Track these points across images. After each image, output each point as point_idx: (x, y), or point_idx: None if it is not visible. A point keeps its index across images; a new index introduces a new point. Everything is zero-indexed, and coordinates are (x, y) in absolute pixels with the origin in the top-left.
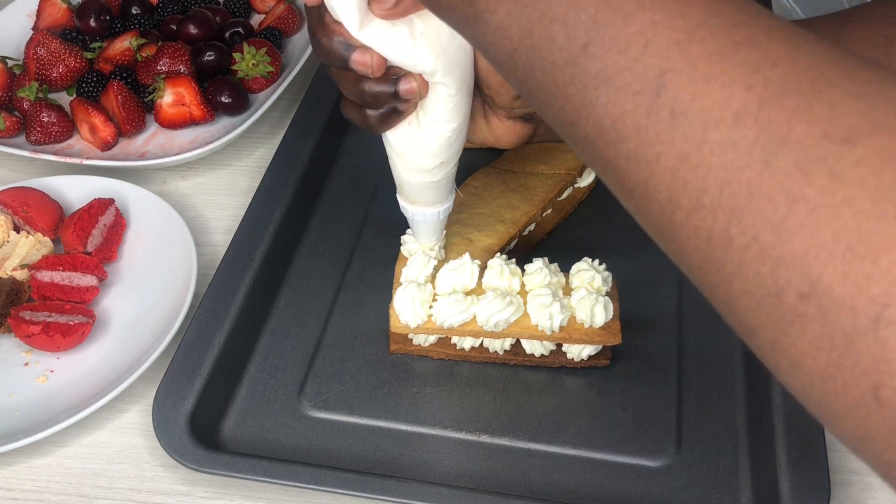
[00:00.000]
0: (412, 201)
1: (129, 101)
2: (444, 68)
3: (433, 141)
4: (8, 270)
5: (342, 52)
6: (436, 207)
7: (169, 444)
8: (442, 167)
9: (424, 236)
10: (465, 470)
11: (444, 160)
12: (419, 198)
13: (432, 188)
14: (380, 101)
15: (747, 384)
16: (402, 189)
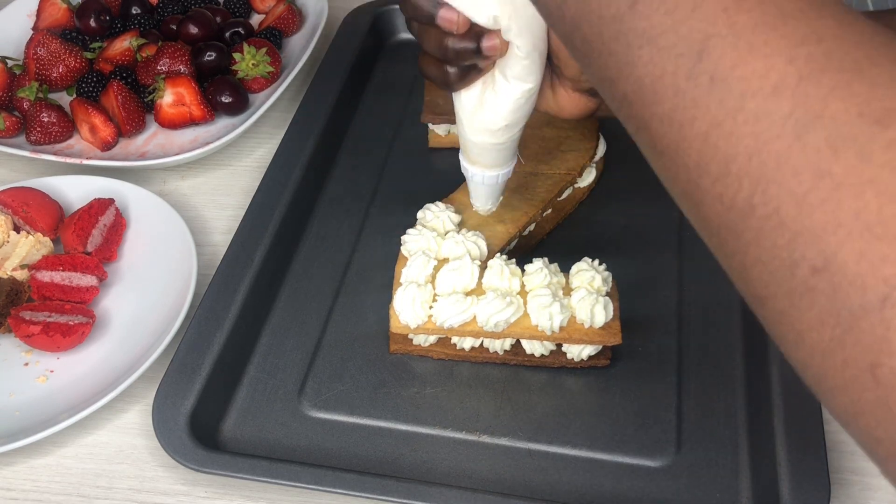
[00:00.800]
0: (474, 162)
1: (129, 101)
2: (517, 29)
3: (503, 102)
4: (8, 270)
5: (430, 9)
6: (496, 170)
7: (169, 444)
8: (507, 129)
9: (481, 199)
10: (465, 470)
11: (510, 123)
12: (481, 159)
13: (495, 150)
14: (461, 57)
15: (747, 384)
16: (465, 149)
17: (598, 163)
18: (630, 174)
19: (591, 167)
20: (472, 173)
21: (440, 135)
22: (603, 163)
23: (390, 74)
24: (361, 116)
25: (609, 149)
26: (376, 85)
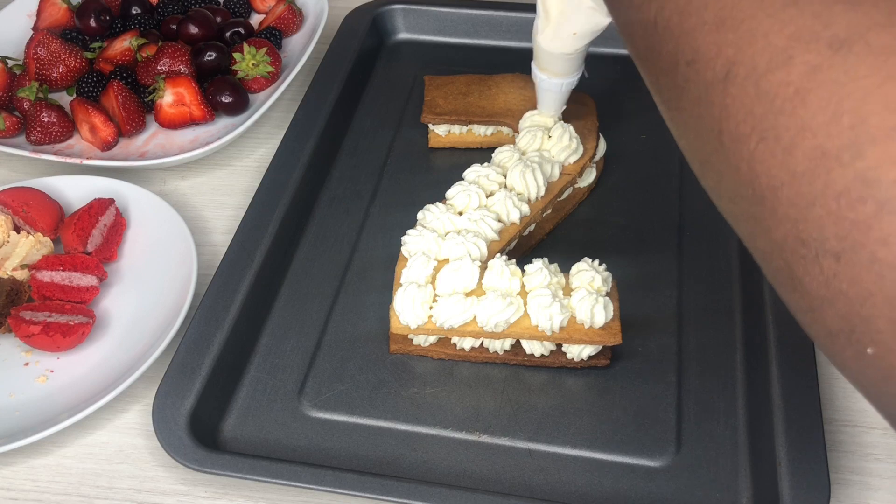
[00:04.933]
0: (542, 69)
1: (129, 101)
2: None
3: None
4: (8, 270)
5: None
6: (560, 79)
7: (169, 444)
8: (576, 40)
9: (546, 104)
10: (465, 470)
11: (577, 32)
12: (550, 66)
13: (563, 59)
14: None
15: (747, 384)
16: (537, 57)
17: (598, 163)
18: (630, 174)
19: (591, 167)
20: (540, 79)
21: (440, 135)
22: (603, 163)
23: (390, 74)
24: (361, 116)
25: (609, 149)
26: (376, 85)
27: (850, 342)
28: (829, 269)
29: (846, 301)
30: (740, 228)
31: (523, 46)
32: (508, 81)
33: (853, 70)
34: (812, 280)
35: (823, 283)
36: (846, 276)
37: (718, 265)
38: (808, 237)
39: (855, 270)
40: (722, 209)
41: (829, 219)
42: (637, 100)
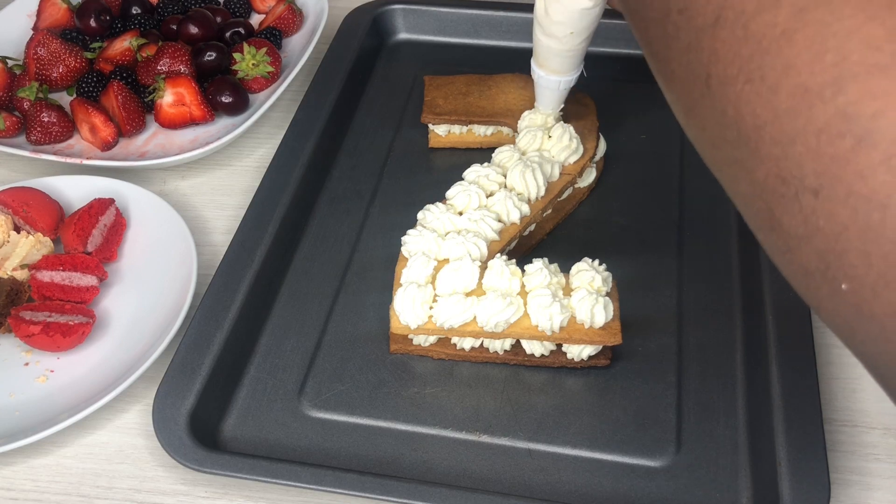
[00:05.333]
0: (541, 65)
1: (129, 101)
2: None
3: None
4: (8, 270)
5: None
6: (559, 76)
7: (169, 444)
8: (572, 38)
9: (544, 102)
10: (465, 470)
11: (574, 31)
12: (548, 63)
13: (560, 56)
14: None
15: (747, 384)
16: (536, 53)
17: (598, 163)
18: (630, 174)
19: (591, 167)
20: (539, 76)
21: (440, 135)
22: (603, 163)
23: (390, 74)
24: (361, 116)
25: (609, 149)
26: (376, 85)
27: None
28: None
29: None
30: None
31: (523, 46)
32: (508, 81)
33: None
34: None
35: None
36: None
37: (718, 265)
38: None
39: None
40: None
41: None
42: (637, 100)
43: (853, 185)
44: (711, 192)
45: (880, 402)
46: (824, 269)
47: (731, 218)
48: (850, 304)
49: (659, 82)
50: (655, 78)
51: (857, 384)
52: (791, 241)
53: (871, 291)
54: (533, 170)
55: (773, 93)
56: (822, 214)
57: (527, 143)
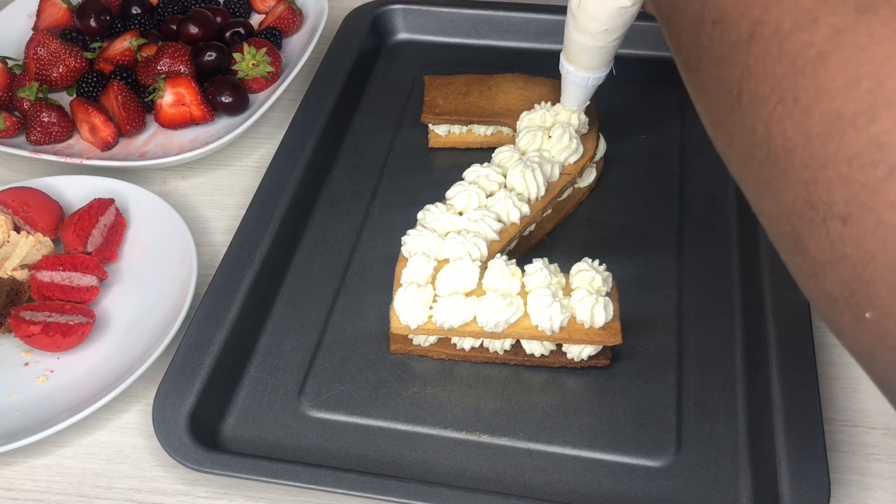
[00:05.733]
0: (571, 60)
1: (129, 101)
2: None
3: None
4: (8, 270)
5: None
6: (588, 73)
7: (169, 444)
8: (606, 35)
9: (570, 99)
10: (465, 470)
11: (608, 28)
12: (578, 59)
13: (592, 52)
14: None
15: (747, 384)
16: (566, 48)
17: (598, 163)
18: (630, 174)
19: (591, 167)
20: (567, 71)
21: (440, 135)
22: (603, 163)
23: (390, 74)
24: (361, 116)
25: (609, 149)
26: (376, 85)
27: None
28: (835, 232)
29: (849, 264)
30: (749, 191)
31: (523, 46)
32: (508, 81)
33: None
34: (817, 243)
35: (828, 247)
36: (851, 240)
37: (718, 265)
38: (818, 199)
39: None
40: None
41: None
42: (637, 100)
43: (883, 215)
44: (711, 192)
45: (880, 402)
46: (848, 297)
47: (731, 218)
48: (874, 333)
49: (689, 90)
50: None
51: (857, 384)
52: (816, 266)
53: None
54: (533, 170)
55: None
56: (850, 242)
57: (527, 143)
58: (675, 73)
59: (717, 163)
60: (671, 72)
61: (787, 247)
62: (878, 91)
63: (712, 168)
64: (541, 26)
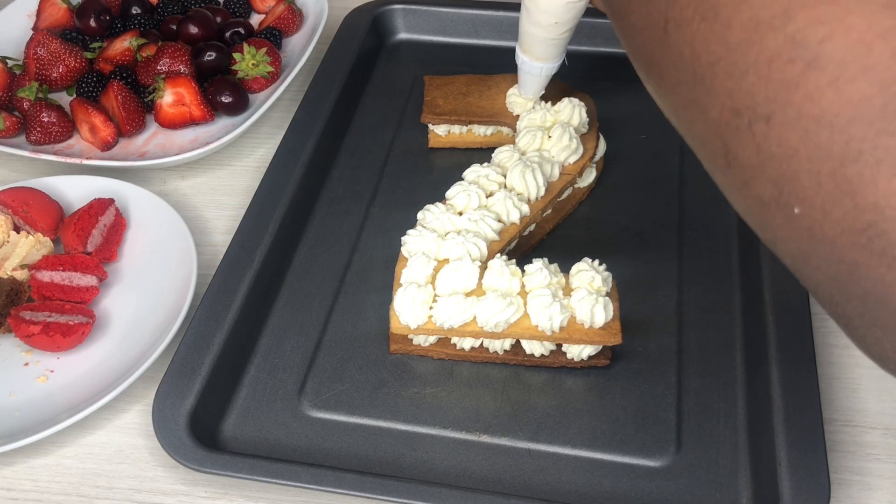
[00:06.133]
0: (525, 51)
1: (129, 101)
2: None
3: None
4: (8, 270)
5: None
6: (541, 63)
7: (169, 444)
8: (557, 27)
9: (525, 88)
10: (465, 470)
11: (558, 21)
12: (532, 50)
13: (544, 44)
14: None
15: (747, 384)
16: (521, 39)
17: (598, 163)
18: (630, 174)
19: (591, 167)
20: (522, 61)
21: (440, 135)
22: (603, 163)
23: (390, 74)
24: (361, 116)
25: (609, 149)
26: (376, 85)
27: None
28: (760, 134)
29: (775, 163)
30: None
31: None
32: (508, 81)
33: None
34: (745, 150)
35: (755, 151)
36: (775, 138)
37: (718, 265)
38: (742, 105)
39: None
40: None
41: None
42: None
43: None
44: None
45: (880, 402)
46: (777, 196)
47: (731, 218)
48: (803, 228)
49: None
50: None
51: (857, 384)
52: (746, 174)
53: (821, 211)
54: (533, 170)
55: (726, 28)
56: (774, 140)
57: (527, 143)
58: None
59: None
60: None
61: (718, 164)
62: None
63: None
64: None
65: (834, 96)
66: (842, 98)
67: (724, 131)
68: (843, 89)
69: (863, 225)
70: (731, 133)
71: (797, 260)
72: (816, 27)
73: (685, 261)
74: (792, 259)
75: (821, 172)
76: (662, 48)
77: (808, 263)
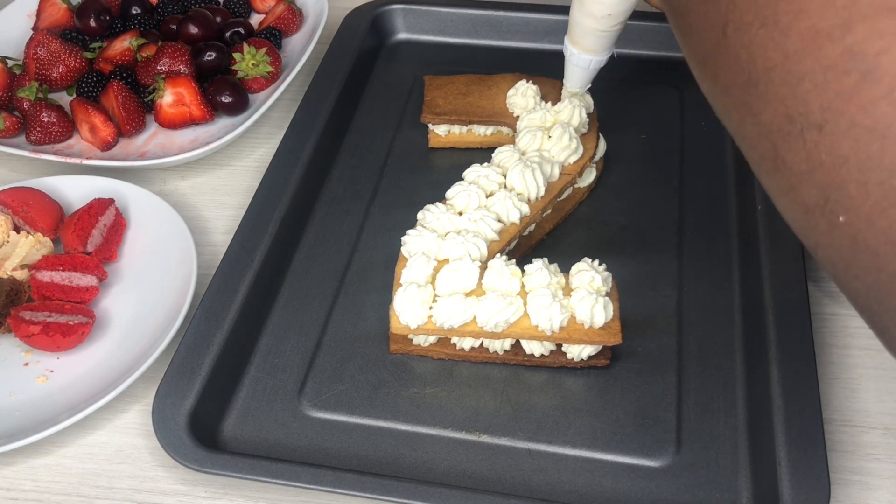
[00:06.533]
0: (575, 42)
1: (129, 101)
2: None
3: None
4: (8, 270)
5: None
6: (591, 55)
7: (169, 444)
8: (609, 19)
9: (573, 80)
10: (465, 470)
11: (612, 13)
12: (582, 41)
13: (595, 36)
14: None
15: (747, 384)
16: (571, 30)
17: (598, 163)
18: (630, 174)
19: (591, 167)
20: (571, 53)
21: (440, 135)
22: (603, 163)
23: (390, 74)
24: (361, 116)
25: (609, 149)
26: (376, 85)
27: (825, 213)
28: (811, 141)
29: (824, 171)
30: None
31: (523, 46)
32: (508, 81)
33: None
34: (794, 156)
35: (805, 157)
36: (826, 146)
37: (718, 265)
38: (795, 112)
39: (834, 139)
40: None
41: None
42: (637, 100)
43: (856, 118)
44: (711, 192)
45: (880, 402)
46: (824, 203)
47: (731, 218)
48: (847, 237)
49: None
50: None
51: (857, 384)
52: (794, 179)
53: (866, 221)
54: (533, 170)
55: (784, 35)
56: (825, 149)
57: (527, 143)
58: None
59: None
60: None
61: (766, 167)
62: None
63: (712, 168)
64: (541, 26)
65: (888, 108)
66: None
67: (775, 136)
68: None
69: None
70: (781, 138)
71: (838, 267)
72: (875, 40)
73: (685, 261)
74: (833, 266)
75: (869, 182)
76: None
77: (849, 272)
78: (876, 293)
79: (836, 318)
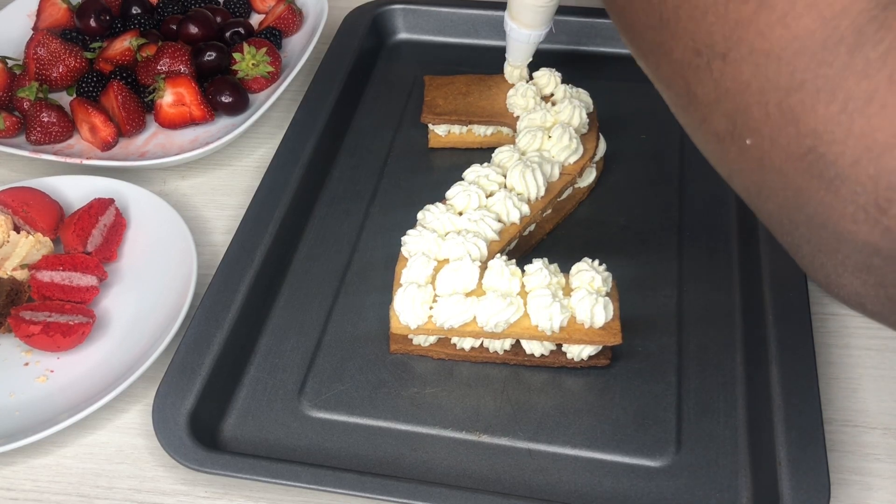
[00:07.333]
0: (514, 18)
1: (129, 101)
2: None
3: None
4: (8, 270)
5: None
6: (529, 30)
7: (169, 444)
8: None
9: (514, 55)
10: (465, 470)
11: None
12: (520, 17)
13: (532, 11)
14: None
15: (747, 384)
16: (510, 6)
17: (598, 163)
18: (630, 174)
19: (591, 167)
20: (511, 28)
21: (440, 135)
22: (603, 163)
23: (390, 74)
24: (361, 116)
25: (609, 149)
26: (376, 85)
27: (734, 139)
28: (717, 70)
29: (730, 98)
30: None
31: None
32: (508, 82)
33: None
34: (704, 87)
35: (713, 87)
36: (730, 74)
37: (718, 265)
38: (702, 45)
39: (737, 66)
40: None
41: (718, 23)
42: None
43: (755, 43)
44: (711, 192)
45: (880, 402)
46: (732, 129)
47: (731, 218)
48: (755, 159)
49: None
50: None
51: (857, 384)
52: (705, 110)
53: (769, 141)
54: (533, 170)
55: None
56: (729, 76)
57: (527, 143)
58: None
59: None
60: None
61: (681, 103)
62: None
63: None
64: None
65: (782, 32)
66: (788, 33)
67: (685, 71)
68: (790, 25)
69: (804, 150)
70: (692, 72)
71: (751, 192)
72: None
73: (685, 261)
74: (746, 191)
75: (769, 103)
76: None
77: (761, 194)
78: (786, 211)
79: (836, 318)
